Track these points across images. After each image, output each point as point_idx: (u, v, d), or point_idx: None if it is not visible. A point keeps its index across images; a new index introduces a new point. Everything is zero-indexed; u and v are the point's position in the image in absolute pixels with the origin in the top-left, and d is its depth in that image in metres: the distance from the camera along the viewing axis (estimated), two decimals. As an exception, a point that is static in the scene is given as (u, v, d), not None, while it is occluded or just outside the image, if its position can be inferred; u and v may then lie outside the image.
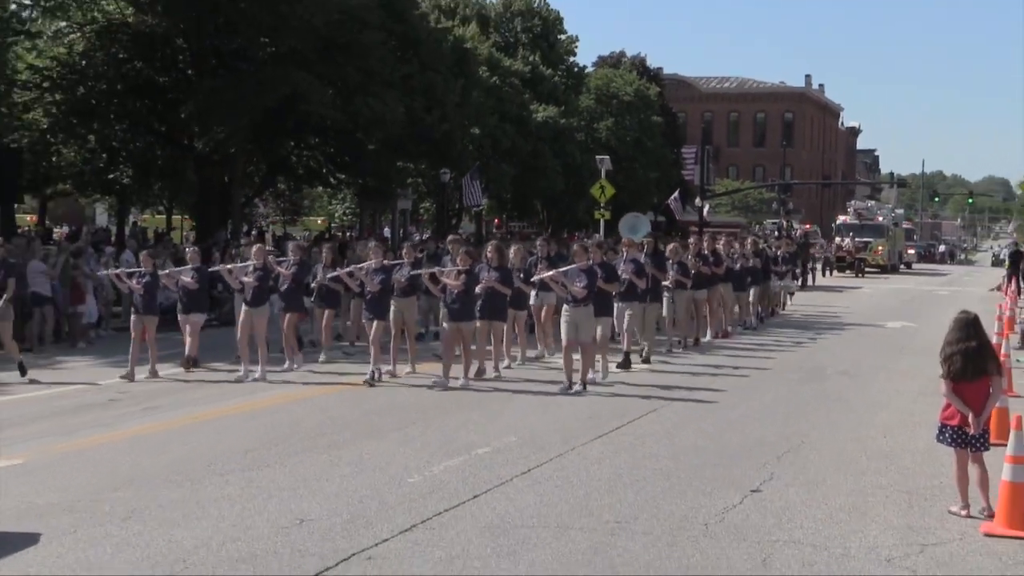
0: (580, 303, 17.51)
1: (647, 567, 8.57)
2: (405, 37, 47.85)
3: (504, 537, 9.32)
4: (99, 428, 14.23)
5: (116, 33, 42.92)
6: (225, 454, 12.54)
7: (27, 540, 9.15)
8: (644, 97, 77.85)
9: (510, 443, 13.30)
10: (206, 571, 8.35)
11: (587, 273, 17.57)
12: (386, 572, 8.39)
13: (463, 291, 17.92)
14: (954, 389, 10.28)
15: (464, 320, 18.00)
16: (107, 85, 43.16)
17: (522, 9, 75.31)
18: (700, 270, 24.17)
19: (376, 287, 18.75)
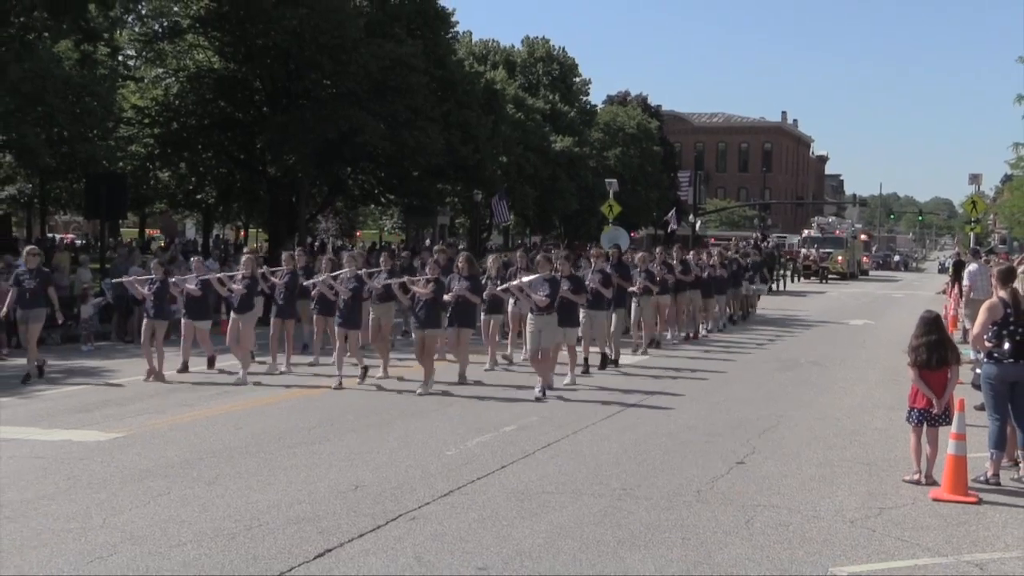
0: (543, 312, 15.62)
1: (648, 527, 8.54)
2: (444, 80, 47.97)
3: (528, 501, 9.29)
4: (184, 408, 14.25)
5: (204, 78, 43.16)
6: (292, 430, 12.55)
7: (131, 500, 9.19)
8: (646, 130, 77.84)
9: (532, 422, 13.28)
10: (277, 528, 8.36)
11: (550, 283, 15.78)
12: (427, 530, 8.38)
13: (431, 299, 16.06)
14: (920, 376, 10.26)
15: (429, 327, 16.02)
16: (196, 121, 43.43)
17: (543, 56, 75.33)
18: (664, 277, 22.45)
19: (347, 295, 16.50)
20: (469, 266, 16.72)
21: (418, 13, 47.56)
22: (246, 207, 55.21)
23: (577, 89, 77.03)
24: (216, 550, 7.81)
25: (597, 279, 18.37)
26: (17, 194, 52.43)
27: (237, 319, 17.35)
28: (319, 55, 40.41)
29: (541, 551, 7.91)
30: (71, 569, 7.39)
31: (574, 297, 16.64)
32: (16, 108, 30.84)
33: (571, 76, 76.69)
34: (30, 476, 10.14)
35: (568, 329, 16.60)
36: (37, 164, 36.37)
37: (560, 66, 75.67)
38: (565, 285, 16.34)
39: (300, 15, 39.02)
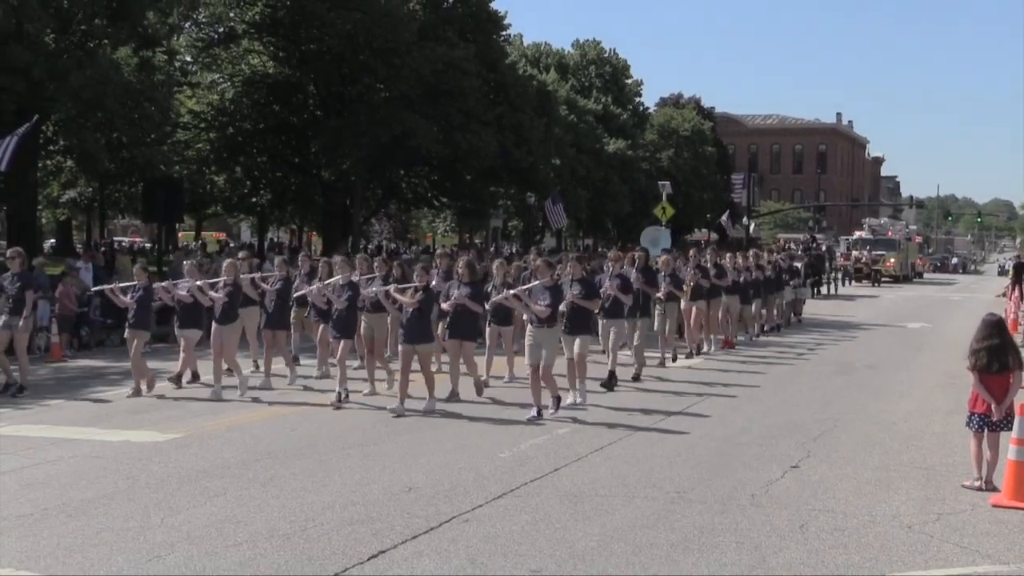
0: (544, 323, 13.80)
1: (702, 531, 8.49)
2: (497, 83, 48.10)
3: (581, 504, 9.28)
4: (241, 410, 14.37)
5: (259, 82, 43.62)
6: (346, 432, 12.62)
7: (189, 500, 9.30)
8: (699, 132, 77.43)
9: (585, 425, 13.25)
10: (331, 529, 8.42)
11: (551, 291, 13.99)
12: (481, 532, 8.40)
13: (418, 310, 13.99)
14: (981, 380, 10.11)
15: (419, 342, 13.96)
16: (251, 125, 43.93)
17: (595, 58, 75.23)
18: (699, 282, 20.92)
19: (343, 304, 15.08)
20: (470, 272, 15.28)
21: (470, 17, 47.72)
22: (300, 210, 55.69)
23: (629, 91, 76.86)
24: (271, 550, 7.88)
25: (616, 284, 16.44)
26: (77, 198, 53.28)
27: (219, 329, 15.71)
28: (372, 59, 40.72)
29: (594, 554, 7.90)
30: (130, 567, 7.49)
31: (584, 303, 14.74)
32: (77, 114, 31.31)
33: (623, 78, 76.52)
34: (91, 475, 10.29)
35: (579, 338, 14.79)
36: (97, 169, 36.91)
37: (612, 68, 75.52)
38: (576, 289, 14.61)
39: (354, 20, 39.31)
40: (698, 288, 20.93)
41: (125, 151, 35.03)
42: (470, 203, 52.20)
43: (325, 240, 47.95)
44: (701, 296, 21.07)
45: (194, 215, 57.24)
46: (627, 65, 77.03)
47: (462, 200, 51.89)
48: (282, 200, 50.46)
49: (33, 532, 8.35)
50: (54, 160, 40.74)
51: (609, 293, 16.37)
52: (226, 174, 46.96)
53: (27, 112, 27.33)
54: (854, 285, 53.92)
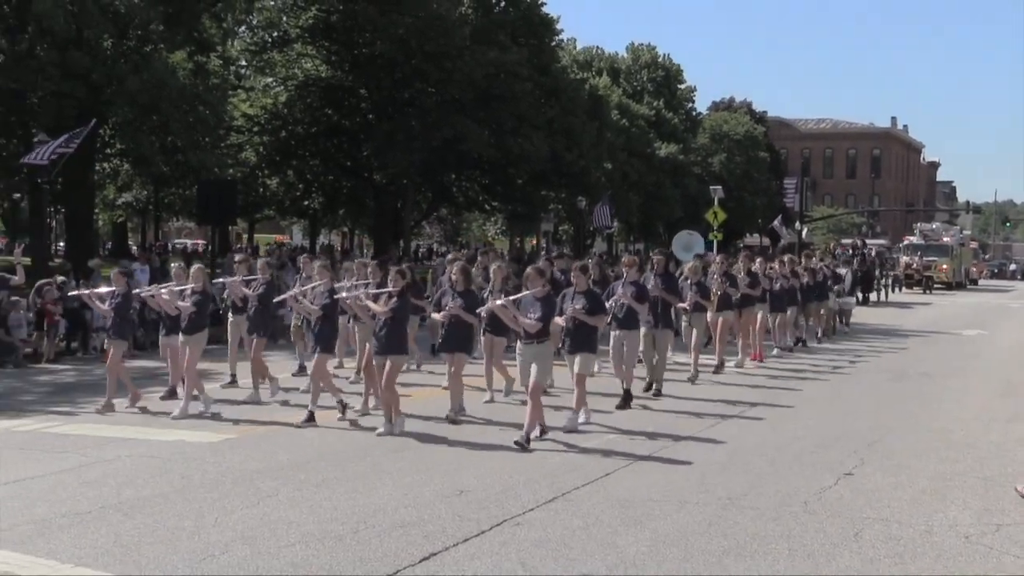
0: (533, 339, 12.38)
1: (754, 537, 8.44)
2: (549, 87, 48.13)
3: (632, 509, 9.26)
4: (293, 411, 14.40)
5: (312, 86, 43.99)
6: (399, 436, 12.64)
7: (242, 500, 9.39)
8: (752, 136, 77.04)
9: (635, 430, 13.18)
10: (383, 531, 8.46)
11: (542, 302, 12.49)
12: (532, 536, 8.40)
13: (391, 319, 12.73)
14: None
15: (393, 353, 12.73)
16: (304, 129, 44.30)
17: (648, 62, 75.08)
18: (726, 291, 19.52)
19: (317, 314, 13.86)
20: (464, 279, 14.10)
21: (523, 21, 47.79)
22: (352, 213, 56.07)
23: (681, 95, 76.64)
24: (324, 552, 7.94)
25: (630, 292, 14.82)
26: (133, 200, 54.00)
27: (185, 341, 14.49)
28: (424, 63, 40.92)
29: (645, 559, 7.87)
30: (185, 566, 7.58)
31: (589, 319, 13.09)
32: (133, 118, 31.74)
33: (676, 82, 76.33)
34: (146, 475, 10.42)
35: (579, 356, 13.18)
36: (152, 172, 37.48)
37: (665, 72, 75.32)
38: (578, 303, 13.02)
39: (406, 24, 39.54)
40: (726, 297, 19.58)
41: (180, 154, 35.44)
42: (521, 207, 52.27)
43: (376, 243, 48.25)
44: (730, 306, 19.73)
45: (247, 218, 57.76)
46: (680, 69, 76.84)
47: (513, 204, 51.98)
48: (334, 203, 50.83)
49: (91, 529, 8.48)
50: (111, 163, 41.30)
51: (622, 302, 14.83)
52: (279, 177, 47.42)
53: (86, 116, 27.78)
54: (905, 292, 53.00)
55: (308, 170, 47.13)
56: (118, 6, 32.13)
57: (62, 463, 11.02)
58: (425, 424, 13.37)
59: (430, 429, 13.05)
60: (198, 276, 14.91)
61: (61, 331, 21.25)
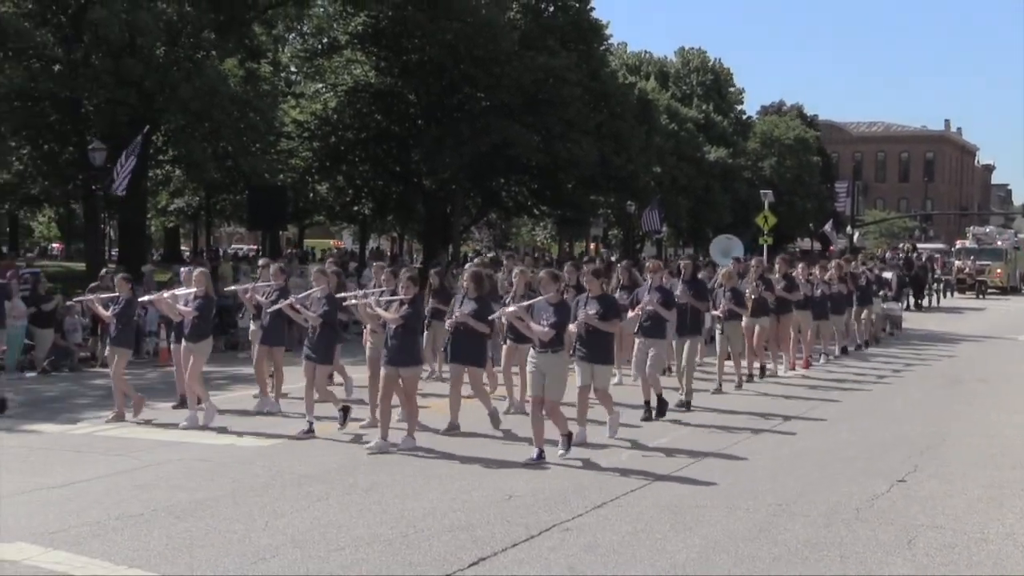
0: (547, 347, 11.45)
1: (805, 544, 8.37)
2: (598, 91, 48.05)
3: (681, 515, 9.22)
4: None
5: (361, 92, 44.25)
6: (448, 439, 12.66)
7: (292, 504, 9.46)
8: (802, 140, 76.50)
9: (683, 436, 13.15)
10: (433, 535, 8.48)
11: (556, 309, 11.55)
12: (581, 541, 8.39)
13: (402, 327, 11.98)
14: None
15: (404, 364, 11.98)
16: (353, 134, 44.56)
17: (697, 66, 74.83)
18: (762, 296, 18.73)
19: (316, 321, 13.04)
20: (476, 285, 13.37)
21: (572, 25, 47.77)
22: (401, 218, 56.27)
23: (731, 99, 76.30)
24: (373, 555, 7.98)
25: (656, 299, 14.31)
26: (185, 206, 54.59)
27: (189, 349, 13.90)
28: (473, 68, 41.03)
29: (695, 565, 7.84)
30: (236, 569, 7.65)
31: (603, 325, 12.22)
32: (185, 124, 32.12)
33: (725, 86, 76.01)
34: (198, 478, 10.53)
35: (597, 368, 12.36)
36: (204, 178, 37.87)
37: (714, 76, 75.03)
38: (592, 308, 12.17)
39: (454, 29, 39.67)
40: (762, 303, 18.78)
41: (231, 160, 35.82)
42: (570, 211, 52.21)
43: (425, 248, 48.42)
44: (765, 312, 18.92)
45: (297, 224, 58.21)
46: (730, 73, 76.52)
47: (562, 208, 51.93)
48: (384, 208, 51.04)
49: (144, 531, 8.58)
50: (163, 170, 41.81)
51: (648, 308, 14.28)
52: (329, 182, 47.70)
53: (139, 123, 28.17)
54: (956, 297, 52.05)
55: (358, 175, 47.37)
56: (171, 14, 32.54)
57: (115, 466, 11.16)
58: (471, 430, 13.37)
59: (476, 435, 13.05)
60: (200, 280, 14.33)
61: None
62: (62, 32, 31.02)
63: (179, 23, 32.87)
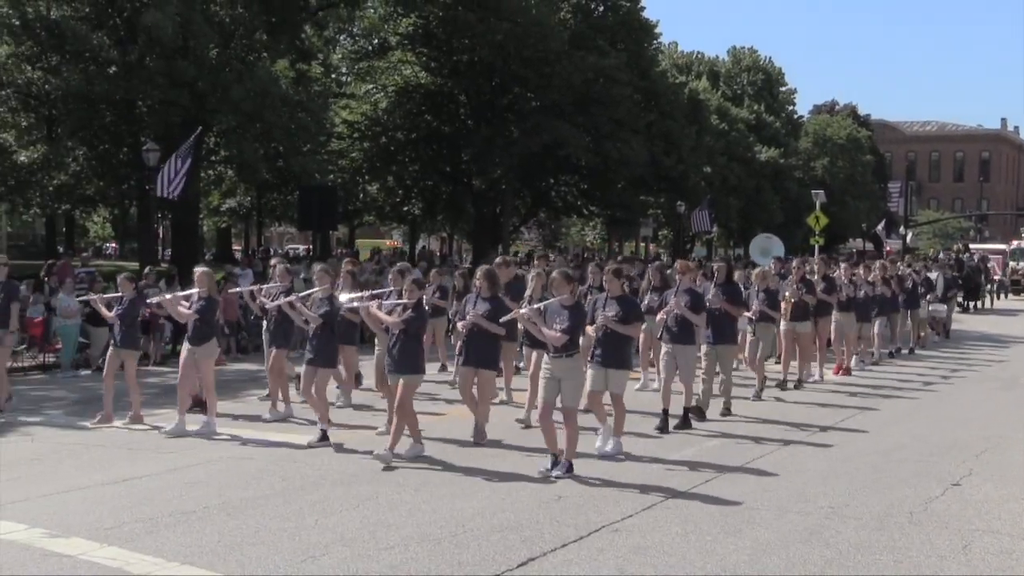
0: (561, 352, 10.79)
1: (857, 548, 8.28)
2: (648, 91, 47.98)
3: (731, 517, 9.16)
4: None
5: (411, 93, 44.42)
6: (497, 439, 12.65)
7: (341, 503, 9.50)
8: (855, 140, 75.88)
9: (735, 437, 13.06)
10: (481, 535, 8.49)
11: (570, 311, 10.86)
12: (630, 542, 8.36)
13: (404, 332, 11.47)
14: None
15: (406, 372, 11.39)
16: (403, 135, 44.74)
17: (749, 65, 74.39)
18: (803, 298, 17.90)
19: (316, 322, 12.50)
20: (490, 284, 12.74)
21: (622, 25, 47.70)
22: (451, 219, 56.42)
23: (783, 99, 75.78)
24: (422, 555, 7.99)
25: (684, 302, 13.42)
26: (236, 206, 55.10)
27: (192, 351, 13.42)
28: (523, 69, 41.07)
29: (745, 568, 7.78)
30: (287, 566, 7.70)
31: (624, 329, 11.58)
32: (237, 125, 32.40)
33: (777, 86, 75.51)
34: (247, 476, 10.61)
35: (613, 373, 11.65)
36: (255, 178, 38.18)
37: (765, 75, 74.56)
38: (611, 310, 11.59)
39: (504, 30, 39.72)
40: (801, 306, 17.93)
41: (281, 160, 36.09)
42: (620, 211, 52.11)
43: (475, 248, 48.51)
44: (805, 315, 18.03)
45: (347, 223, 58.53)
46: (781, 72, 76.00)
47: (612, 208, 51.85)
48: (433, 208, 51.20)
49: (196, 528, 8.66)
50: (215, 170, 42.21)
51: (675, 312, 13.43)
52: (379, 183, 47.92)
53: (192, 124, 28.46)
54: (1011, 298, 51.03)
55: (408, 175, 47.56)
56: (223, 16, 32.85)
57: (167, 463, 11.28)
58: (523, 431, 13.37)
59: (527, 436, 13.04)
60: (203, 281, 13.66)
61: (167, 334, 21.72)
62: (117, 35, 31.41)
63: (231, 25, 33.19)
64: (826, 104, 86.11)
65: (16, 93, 32.04)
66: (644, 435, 12.91)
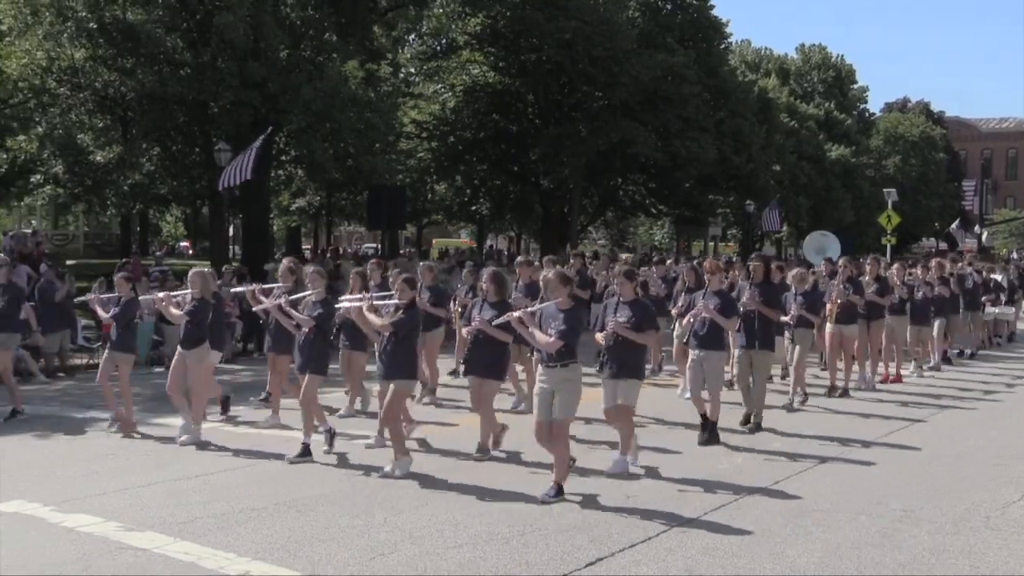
0: (555, 361, 9.74)
1: (932, 552, 8.14)
2: (717, 89, 47.69)
3: (802, 518, 9.05)
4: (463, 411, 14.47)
5: (479, 92, 44.57)
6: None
7: (410, 501, 9.52)
8: (928, 137, 74.84)
9: (802, 437, 12.89)
10: (549, 534, 8.46)
11: (566, 315, 9.78)
12: (699, 543, 8.29)
13: (393, 334, 10.69)
14: None
15: (397, 376, 10.66)
16: (471, 134, 44.91)
17: (819, 63, 73.61)
18: (850, 299, 16.53)
19: (309, 324, 11.59)
20: (496, 287, 11.81)
21: (691, 23, 47.47)
22: (519, 218, 56.51)
23: (854, 96, 74.94)
24: (490, 553, 8.00)
25: (714, 304, 12.43)
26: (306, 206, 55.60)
27: (183, 355, 12.69)
28: (591, 67, 41.01)
29: (816, 571, 7.69)
30: (356, 563, 7.74)
31: (637, 336, 10.62)
32: (307, 126, 32.68)
33: (847, 83, 74.66)
34: (318, 474, 10.70)
35: (622, 383, 10.65)
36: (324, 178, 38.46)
37: (836, 73, 73.73)
38: (623, 315, 10.66)
39: (572, 28, 39.67)
40: (848, 308, 16.66)
41: (351, 160, 36.34)
42: (688, 210, 51.89)
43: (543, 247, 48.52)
44: (853, 318, 16.76)
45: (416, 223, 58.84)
46: (852, 69, 75.12)
47: (680, 207, 51.64)
48: (501, 208, 51.33)
49: (267, 525, 8.75)
50: (285, 170, 42.62)
51: (704, 316, 12.42)
52: (447, 182, 48.13)
53: (263, 124, 28.75)
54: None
55: (476, 175, 47.74)
56: (293, 18, 33.17)
57: (238, 460, 11.41)
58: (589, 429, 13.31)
59: (592, 434, 12.99)
60: (195, 282, 12.93)
61: (238, 332, 21.96)
62: (190, 37, 31.84)
63: (302, 26, 33.48)
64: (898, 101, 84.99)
65: (93, 95, 32.63)
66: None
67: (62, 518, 8.99)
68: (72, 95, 32.47)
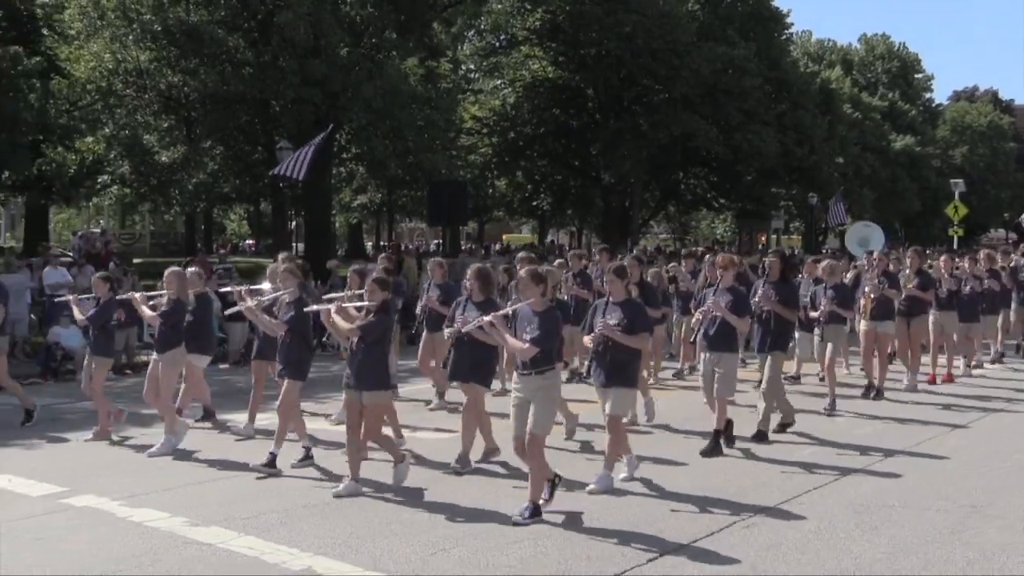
0: (530, 368, 8.99)
1: (1002, 548, 8.00)
2: (779, 81, 47.28)
3: (867, 515, 8.94)
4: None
5: (539, 87, 44.59)
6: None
7: (473, 496, 9.57)
8: (996, 127, 73.59)
9: (867, 433, 12.74)
10: (611, 531, 8.44)
11: (541, 318, 9.00)
12: (762, 539, 8.23)
13: (362, 342, 9.68)
14: None
15: (367, 387, 9.63)
16: (531, 129, 44.94)
17: (883, 53, 72.66)
18: (885, 294, 15.41)
19: (282, 328, 10.86)
20: (482, 285, 10.91)
21: (751, 15, 47.10)
22: (580, 213, 56.43)
23: (919, 86, 73.88)
24: (552, 549, 7.99)
25: (726, 302, 11.48)
26: (367, 203, 55.96)
27: (156, 360, 12.13)
28: (651, 61, 40.89)
29: (882, 567, 7.60)
30: (417, 559, 7.78)
31: (628, 340, 9.74)
32: (368, 123, 32.90)
33: (912, 73, 73.63)
34: (379, 470, 10.67)
35: (615, 392, 9.80)
36: (385, 174, 38.71)
37: (900, 62, 72.74)
38: (613, 317, 9.77)
39: (632, 22, 39.55)
40: (885, 304, 15.57)
41: (412, 157, 36.53)
42: (750, 204, 51.49)
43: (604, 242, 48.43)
44: (889, 314, 15.62)
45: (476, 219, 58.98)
46: (917, 59, 74.06)
47: (742, 201, 51.26)
48: (562, 203, 51.30)
49: (329, 520, 8.81)
50: (347, 167, 42.94)
51: (715, 315, 11.51)
52: (507, 178, 48.21)
53: (324, 121, 28.99)
54: None
55: (536, 170, 47.75)
56: (353, 16, 33.39)
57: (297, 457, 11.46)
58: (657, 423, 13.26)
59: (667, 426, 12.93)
60: (171, 282, 12.21)
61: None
62: (251, 36, 32.18)
63: (361, 24, 33.70)
64: (966, 90, 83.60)
65: (158, 96, 33.13)
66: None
67: (130, 512, 9.13)
68: (137, 96, 33.03)
